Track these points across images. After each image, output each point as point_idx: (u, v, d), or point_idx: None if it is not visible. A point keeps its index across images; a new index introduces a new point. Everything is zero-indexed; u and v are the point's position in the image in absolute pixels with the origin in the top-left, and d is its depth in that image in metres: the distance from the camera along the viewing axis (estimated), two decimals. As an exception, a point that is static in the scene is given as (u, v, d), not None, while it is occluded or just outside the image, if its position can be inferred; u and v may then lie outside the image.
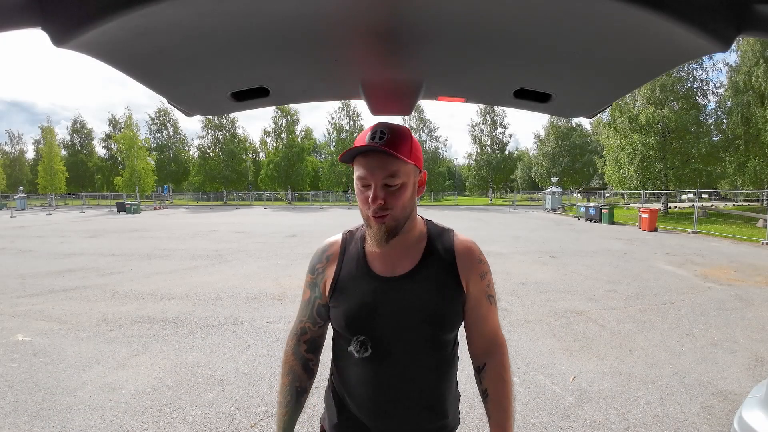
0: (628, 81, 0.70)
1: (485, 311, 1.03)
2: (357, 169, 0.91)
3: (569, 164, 45.11)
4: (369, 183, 0.90)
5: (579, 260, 8.87)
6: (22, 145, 58.43)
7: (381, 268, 0.98)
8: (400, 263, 0.98)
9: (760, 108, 20.42)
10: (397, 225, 0.93)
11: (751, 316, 5.03)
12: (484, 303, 1.02)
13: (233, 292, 6.11)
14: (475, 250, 1.04)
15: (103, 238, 13.44)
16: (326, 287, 1.02)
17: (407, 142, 0.90)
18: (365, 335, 0.96)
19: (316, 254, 1.08)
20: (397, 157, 0.86)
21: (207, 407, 2.95)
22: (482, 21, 0.51)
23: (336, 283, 1.00)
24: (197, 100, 0.82)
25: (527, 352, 3.92)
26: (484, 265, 1.04)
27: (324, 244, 1.08)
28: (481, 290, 1.01)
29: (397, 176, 0.89)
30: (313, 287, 1.05)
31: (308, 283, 1.07)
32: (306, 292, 1.07)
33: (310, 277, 1.06)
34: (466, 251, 1.02)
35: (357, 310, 0.96)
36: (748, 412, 1.80)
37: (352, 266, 1.00)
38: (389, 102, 0.88)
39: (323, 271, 1.04)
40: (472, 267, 1.01)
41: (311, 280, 1.06)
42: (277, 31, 0.53)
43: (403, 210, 0.93)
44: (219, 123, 47.62)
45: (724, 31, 0.47)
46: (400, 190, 0.91)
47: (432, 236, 1.03)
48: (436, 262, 0.99)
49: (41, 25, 0.47)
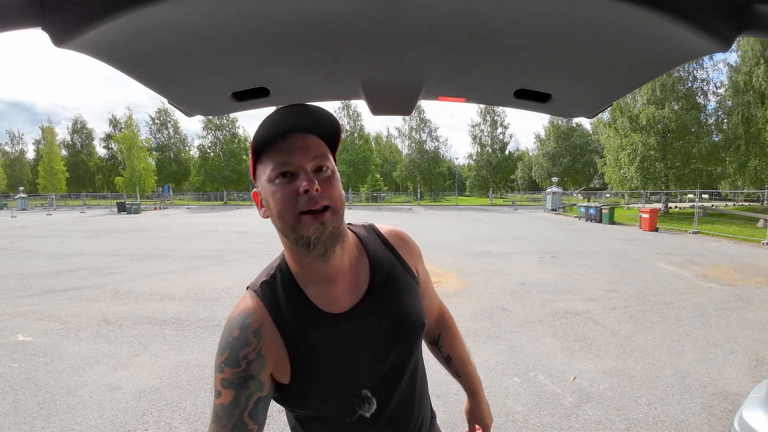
0: (628, 81, 0.70)
1: (432, 290, 1.00)
2: (270, 160, 0.70)
3: (569, 164, 45.11)
4: (293, 169, 0.69)
5: (579, 260, 8.87)
6: (22, 145, 58.49)
7: (334, 304, 0.76)
8: (356, 283, 0.79)
9: (761, 108, 20.41)
10: (340, 226, 0.73)
11: (752, 316, 5.03)
12: (429, 283, 0.98)
13: (234, 292, 6.11)
14: (405, 236, 0.93)
15: (104, 238, 13.45)
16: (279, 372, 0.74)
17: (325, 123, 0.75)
18: (364, 388, 0.77)
19: (229, 340, 0.72)
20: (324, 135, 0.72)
21: (207, 407, 2.95)
22: (483, 21, 0.51)
23: (296, 356, 0.73)
24: (198, 100, 0.82)
25: (527, 352, 3.92)
26: (417, 247, 0.94)
27: (237, 319, 0.74)
28: (425, 271, 0.95)
29: (327, 159, 0.71)
30: (244, 383, 0.70)
31: (230, 382, 0.70)
32: (225, 395, 0.69)
33: (232, 373, 0.70)
34: (399, 239, 0.90)
35: (341, 367, 0.75)
36: (748, 412, 1.80)
37: (303, 324, 0.74)
38: (389, 102, 0.88)
39: (259, 355, 0.71)
40: (412, 253, 0.91)
41: (237, 375, 0.70)
42: (278, 31, 0.53)
43: (342, 206, 0.73)
44: (219, 123, 47.68)
45: (725, 31, 0.47)
46: (333, 178, 0.72)
47: (362, 238, 0.86)
48: (385, 267, 0.84)
49: (41, 25, 0.47)
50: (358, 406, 0.76)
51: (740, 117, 20.90)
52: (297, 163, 0.68)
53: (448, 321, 1.08)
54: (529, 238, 13.08)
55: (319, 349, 0.74)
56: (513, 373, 3.49)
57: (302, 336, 0.74)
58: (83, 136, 55.07)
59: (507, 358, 3.77)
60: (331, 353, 0.74)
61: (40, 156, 48.75)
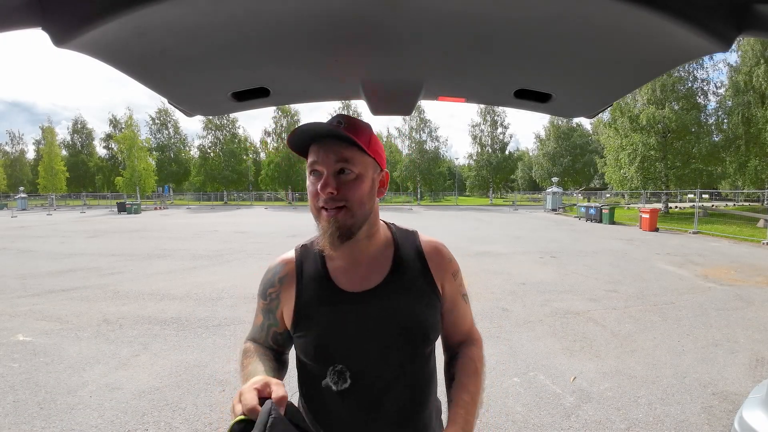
0: (628, 81, 0.70)
1: (462, 311, 0.96)
2: (309, 158, 0.81)
3: (570, 164, 45.09)
4: (320, 170, 0.79)
5: (579, 260, 8.86)
6: (22, 145, 58.43)
7: (348, 283, 0.87)
8: (369, 275, 0.88)
9: (761, 108, 20.41)
10: (353, 224, 0.81)
11: (752, 316, 5.03)
12: (460, 303, 0.96)
13: (234, 292, 6.11)
14: (444, 250, 0.96)
15: (104, 238, 13.45)
16: (285, 314, 0.89)
17: (366, 134, 0.82)
18: (342, 364, 0.83)
19: (266, 276, 0.94)
20: (353, 142, 0.77)
21: (207, 407, 2.95)
22: (483, 21, 0.51)
23: (298, 310, 0.87)
24: (198, 101, 0.82)
25: (528, 352, 3.92)
26: (454, 264, 0.96)
27: (275, 263, 0.94)
28: (455, 290, 0.95)
29: (353, 163, 0.79)
30: (267, 314, 0.92)
31: (261, 308, 0.93)
32: (258, 317, 0.94)
33: (262, 303, 0.93)
34: (435, 252, 0.94)
35: (328, 337, 0.84)
36: (748, 412, 1.80)
37: (313, 286, 0.87)
38: (389, 102, 0.88)
39: (278, 295, 0.90)
40: (444, 268, 0.93)
41: (264, 306, 0.92)
42: (278, 32, 0.53)
43: (361, 206, 0.81)
44: (219, 123, 47.66)
45: (725, 31, 0.47)
46: (357, 181, 0.80)
47: (398, 241, 0.93)
48: (408, 269, 0.90)
49: (42, 25, 0.47)
50: (331, 377, 0.83)
51: (740, 117, 20.90)
52: (323, 165, 0.79)
53: (474, 348, 0.96)
54: (529, 238, 13.07)
55: (318, 314, 0.85)
56: (513, 373, 3.49)
57: (309, 298, 0.87)
58: (83, 136, 55.10)
59: (507, 358, 3.77)
60: (325, 322, 0.84)
61: (40, 156, 48.74)
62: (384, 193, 0.91)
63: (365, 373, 0.84)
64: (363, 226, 0.85)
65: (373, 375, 0.84)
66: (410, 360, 0.87)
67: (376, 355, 0.84)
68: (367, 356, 0.84)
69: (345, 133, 0.76)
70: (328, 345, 0.84)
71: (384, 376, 0.84)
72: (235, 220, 21.02)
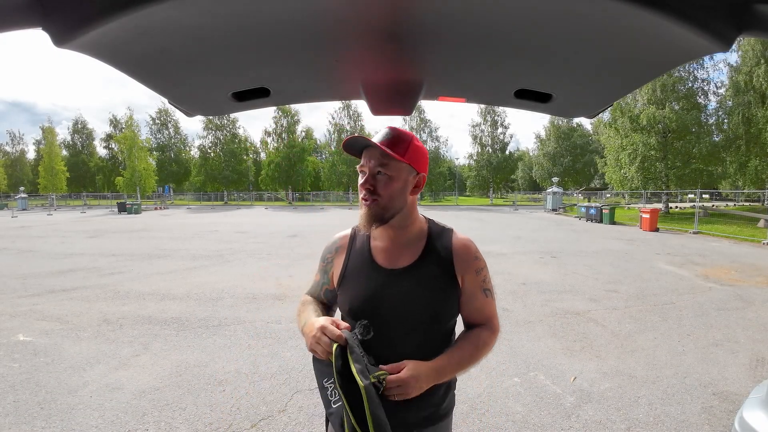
0: (629, 81, 0.70)
1: (480, 303, 1.11)
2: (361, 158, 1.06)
3: (570, 164, 45.06)
4: (365, 170, 1.03)
5: (580, 260, 8.86)
6: (23, 145, 58.37)
7: (384, 260, 1.09)
8: (402, 257, 1.09)
9: (761, 108, 20.40)
10: (383, 213, 1.03)
11: (752, 316, 5.03)
12: (479, 296, 1.11)
13: (234, 293, 6.12)
14: (471, 248, 1.12)
15: (104, 238, 13.46)
16: (334, 276, 1.16)
17: (404, 144, 1.03)
18: (368, 320, 1.02)
19: (327, 245, 1.22)
20: (387, 153, 1.00)
21: (208, 407, 2.96)
22: (483, 21, 0.51)
23: (344, 272, 1.13)
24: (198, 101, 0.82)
25: (528, 352, 3.92)
26: (479, 262, 1.12)
27: (335, 236, 1.22)
28: (476, 285, 1.10)
29: (388, 168, 1.01)
30: (323, 274, 1.20)
31: (320, 268, 1.22)
32: (317, 276, 1.23)
33: (321, 264, 1.21)
34: (463, 249, 1.10)
35: (361, 297, 1.07)
36: (749, 412, 1.80)
37: (358, 258, 1.12)
38: (390, 102, 0.88)
39: (332, 260, 1.18)
40: (468, 263, 1.09)
41: (322, 267, 1.21)
42: (278, 32, 0.53)
43: (390, 200, 1.03)
44: (220, 123, 47.61)
45: (725, 31, 0.47)
46: (389, 181, 1.02)
47: (432, 234, 1.12)
48: (435, 258, 1.08)
49: (42, 25, 0.47)
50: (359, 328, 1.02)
51: (741, 117, 20.89)
52: (366, 167, 1.03)
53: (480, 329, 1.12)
54: (529, 238, 13.07)
55: (356, 279, 1.11)
56: (513, 373, 3.49)
57: (353, 266, 1.12)
58: (84, 137, 55.04)
59: (507, 358, 3.77)
60: (360, 286, 1.09)
61: (40, 156, 48.69)
62: (418, 191, 1.09)
63: (385, 330, 1.03)
64: (395, 216, 1.06)
65: (391, 333, 1.04)
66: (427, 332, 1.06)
67: (395, 319, 1.04)
68: (388, 318, 1.04)
69: (382, 146, 1.00)
70: (359, 303, 1.07)
71: (400, 336, 1.04)
72: (236, 220, 21.02)
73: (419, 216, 1.13)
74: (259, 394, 3.13)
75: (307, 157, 46.66)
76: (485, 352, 1.09)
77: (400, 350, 1.03)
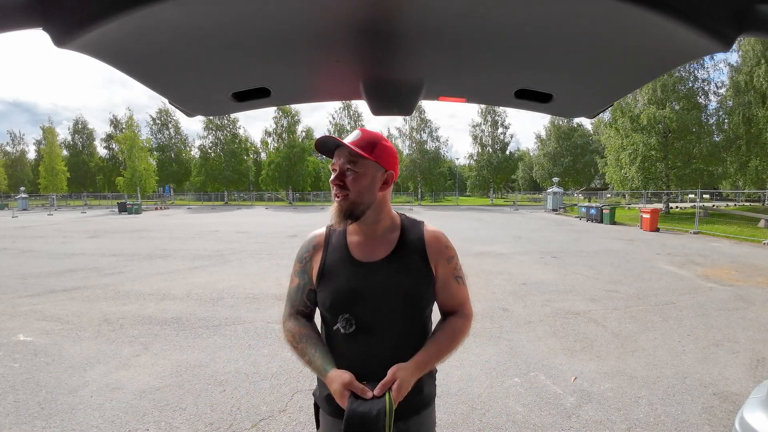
0: (629, 81, 0.70)
1: (454, 290, 1.18)
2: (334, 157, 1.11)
3: (570, 164, 45.03)
4: (335, 168, 1.09)
5: (580, 260, 8.86)
6: (23, 145, 58.44)
7: (361, 254, 1.13)
8: (378, 250, 1.13)
9: (762, 108, 20.37)
10: (353, 208, 1.08)
11: (753, 316, 5.02)
12: (452, 282, 1.17)
13: (234, 293, 6.12)
14: (442, 238, 1.18)
15: (105, 238, 13.47)
16: (314, 274, 1.17)
17: (372, 144, 1.09)
18: (349, 313, 1.09)
19: (303, 245, 1.23)
20: (355, 151, 1.06)
21: (208, 407, 2.96)
22: (483, 21, 0.51)
23: (322, 269, 1.15)
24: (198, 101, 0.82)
25: (528, 352, 3.91)
26: (450, 251, 1.18)
27: (310, 235, 1.24)
28: (449, 272, 1.16)
29: (356, 165, 1.07)
30: (302, 275, 1.20)
31: (296, 271, 1.21)
32: (294, 280, 1.22)
33: (298, 266, 1.21)
34: (434, 239, 1.17)
35: (341, 292, 1.11)
36: (749, 412, 1.79)
37: (335, 254, 1.15)
38: (390, 102, 0.88)
39: (310, 259, 1.19)
40: (440, 252, 1.16)
41: (300, 268, 1.21)
42: (278, 32, 0.53)
43: (359, 195, 1.08)
44: (220, 123, 47.61)
45: (726, 31, 0.47)
46: (357, 177, 1.07)
47: (405, 227, 1.18)
48: (409, 249, 1.14)
49: (43, 25, 0.47)
50: (341, 322, 1.10)
51: (741, 117, 20.86)
52: (336, 165, 1.09)
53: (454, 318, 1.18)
54: (529, 238, 13.07)
55: (335, 274, 1.13)
56: (514, 374, 3.49)
57: (331, 261, 1.15)
58: (84, 137, 55.02)
59: (508, 359, 3.77)
60: (339, 280, 1.12)
61: (41, 156, 48.62)
62: (387, 188, 1.13)
63: (366, 322, 1.09)
64: (367, 211, 1.11)
65: (372, 324, 1.09)
66: (405, 319, 1.12)
67: (375, 311, 1.09)
68: (368, 310, 1.09)
69: (350, 145, 1.06)
70: (339, 298, 1.10)
71: (381, 326, 1.09)
72: (236, 220, 21.03)
73: (392, 211, 1.19)
74: (259, 394, 3.13)
75: (307, 157, 46.62)
76: (461, 338, 1.15)
77: (382, 340, 1.09)
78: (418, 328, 1.15)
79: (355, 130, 1.12)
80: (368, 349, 1.09)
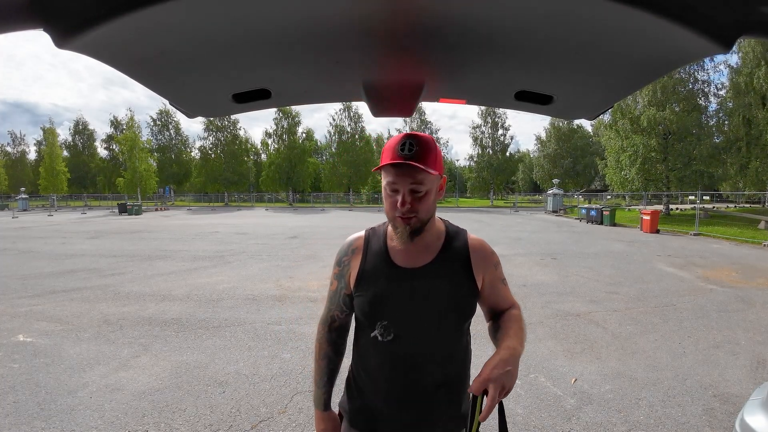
0: (629, 83, 0.70)
1: (503, 292, 1.16)
2: (387, 175, 1.00)
3: (570, 166, 45.05)
4: (398, 189, 0.99)
5: (580, 262, 8.85)
6: (24, 146, 58.32)
7: (402, 260, 1.09)
8: (420, 257, 1.08)
9: (762, 110, 20.39)
10: (422, 226, 1.04)
11: (753, 318, 5.02)
12: (499, 286, 1.15)
13: (234, 294, 6.11)
14: (486, 246, 1.15)
15: (105, 239, 13.46)
16: (351, 278, 1.13)
17: (432, 153, 0.99)
18: (388, 320, 1.05)
19: (342, 248, 1.19)
20: (424, 170, 0.96)
21: (208, 408, 2.95)
22: (484, 23, 0.51)
23: (361, 274, 1.11)
24: (199, 102, 0.82)
25: (528, 354, 3.91)
26: (495, 257, 1.16)
27: (350, 239, 1.20)
28: (495, 278, 1.14)
29: (423, 184, 0.99)
30: (340, 279, 1.17)
31: (335, 275, 1.19)
32: (333, 284, 1.19)
33: (336, 270, 1.18)
34: (479, 247, 1.13)
35: (380, 298, 1.06)
36: (749, 414, 1.79)
37: (375, 259, 1.11)
38: (390, 104, 0.88)
39: (349, 263, 1.15)
40: (486, 260, 1.12)
41: (338, 272, 1.18)
42: (279, 33, 0.53)
43: (427, 213, 1.03)
44: (220, 124, 47.62)
45: (726, 32, 0.47)
46: (425, 196, 1.01)
47: (449, 235, 1.14)
48: (453, 257, 1.10)
49: (43, 26, 0.47)
50: (378, 330, 1.06)
51: (741, 119, 20.88)
52: (400, 186, 0.99)
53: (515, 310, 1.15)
54: (529, 239, 13.07)
55: (374, 279, 1.08)
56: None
57: (371, 266, 1.10)
58: (85, 137, 55.11)
59: (508, 360, 3.75)
60: (379, 286, 1.07)
61: (41, 157, 48.70)
62: (443, 194, 1.10)
63: (406, 330, 1.05)
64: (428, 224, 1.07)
65: (412, 333, 1.05)
66: (445, 330, 1.07)
67: (415, 319, 1.05)
68: (409, 318, 1.05)
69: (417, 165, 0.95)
70: (378, 304, 1.06)
71: (420, 337, 1.05)
72: (236, 222, 21.03)
73: (436, 217, 1.14)
74: (259, 396, 3.13)
75: (307, 159, 46.69)
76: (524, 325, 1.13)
77: (421, 349, 1.06)
78: (458, 338, 1.11)
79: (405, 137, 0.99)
80: (403, 359, 1.06)
